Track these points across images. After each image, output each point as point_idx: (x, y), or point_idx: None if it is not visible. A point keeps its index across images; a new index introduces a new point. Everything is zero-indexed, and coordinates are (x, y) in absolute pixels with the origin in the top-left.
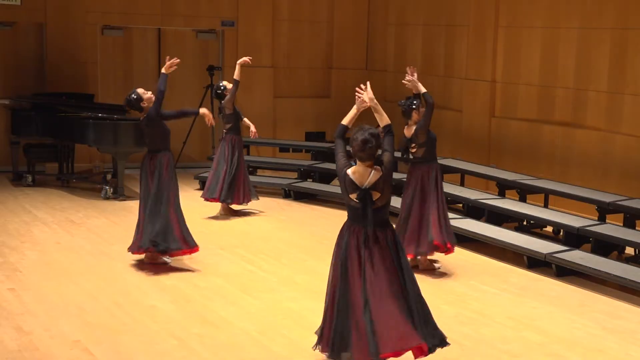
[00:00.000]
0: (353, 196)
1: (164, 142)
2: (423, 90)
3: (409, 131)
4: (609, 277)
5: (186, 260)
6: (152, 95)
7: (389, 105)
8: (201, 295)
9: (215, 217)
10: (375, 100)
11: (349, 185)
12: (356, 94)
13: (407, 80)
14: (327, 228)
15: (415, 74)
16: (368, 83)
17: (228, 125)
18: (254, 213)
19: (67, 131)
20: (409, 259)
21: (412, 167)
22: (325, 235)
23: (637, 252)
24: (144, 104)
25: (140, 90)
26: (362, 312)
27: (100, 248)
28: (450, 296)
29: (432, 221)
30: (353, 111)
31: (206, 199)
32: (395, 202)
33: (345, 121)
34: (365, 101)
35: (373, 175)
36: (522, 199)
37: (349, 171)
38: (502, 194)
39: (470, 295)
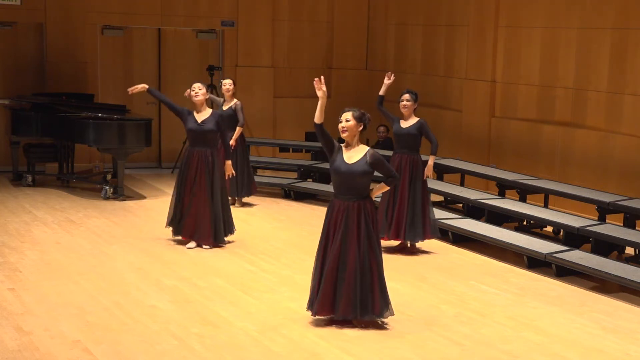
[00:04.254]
0: None
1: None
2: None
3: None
4: (609, 277)
5: (186, 260)
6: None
7: (389, 105)
8: (201, 295)
9: None
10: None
11: None
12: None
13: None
14: None
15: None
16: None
17: None
18: (254, 213)
19: (67, 131)
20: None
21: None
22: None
23: (637, 252)
24: None
25: None
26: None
27: (100, 248)
28: (450, 296)
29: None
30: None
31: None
32: None
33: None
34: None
35: None
36: (522, 199)
37: None
38: (502, 194)
39: (470, 295)
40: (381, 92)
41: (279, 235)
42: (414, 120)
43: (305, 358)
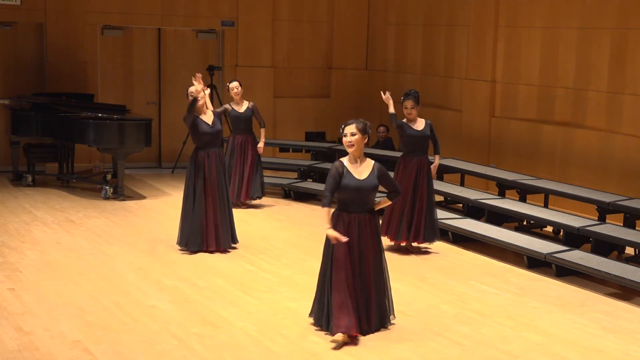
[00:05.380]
0: None
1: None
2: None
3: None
4: (609, 277)
5: (186, 260)
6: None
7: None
8: (201, 295)
9: None
10: None
11: None
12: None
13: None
14: None
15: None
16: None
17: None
18: (254, 213)
19: (67, 131)
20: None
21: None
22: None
23: (637, 252)
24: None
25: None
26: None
27: (100, 248)
28: (450, 296)
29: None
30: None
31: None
32: None
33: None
34: None
35: None
36: (522, 199)
37: None
38: (502, 194)
39: (470, 295)
40: (391, 110)
41: (279, 235)
42: (422, 121)
43: (305, 358)
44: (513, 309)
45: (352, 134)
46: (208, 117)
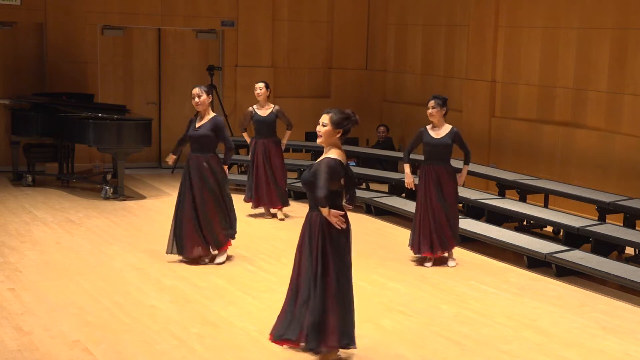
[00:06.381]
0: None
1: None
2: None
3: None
4: (609, 277)
5: (186, 260)
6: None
7: (389, 104)
8: (201, 295)
9: None
10: None
11: (341, 169)
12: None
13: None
14: None
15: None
16: None
17: None
18: (253, 213)
19: (67, 131)
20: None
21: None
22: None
23: (637, 252)
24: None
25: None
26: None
27: (100, 248)
28: (450, 296)
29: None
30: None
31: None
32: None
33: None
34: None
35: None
36: (522, 199)
37: (337, 157)
38: (502, 194)
39: (470, 295)
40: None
41: (279, 235)
42: (446, 128)
43: (305, 358)
44: (513, 309)
45: (324, 125)
46: (201, 121)
